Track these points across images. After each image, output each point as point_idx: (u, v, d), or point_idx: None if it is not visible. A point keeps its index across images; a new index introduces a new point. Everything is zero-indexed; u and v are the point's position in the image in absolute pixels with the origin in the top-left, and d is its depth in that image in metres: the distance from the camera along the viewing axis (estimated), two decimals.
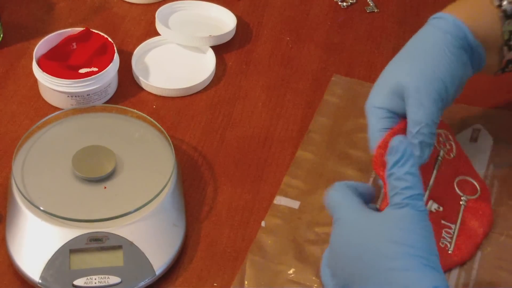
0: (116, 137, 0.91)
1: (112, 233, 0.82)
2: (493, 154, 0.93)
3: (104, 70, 0.97)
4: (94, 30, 1.02)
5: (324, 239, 0.86)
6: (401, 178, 0.72)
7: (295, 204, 0.89)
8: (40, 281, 0.80)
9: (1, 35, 1.06)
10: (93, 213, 0.83)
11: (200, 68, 1.04)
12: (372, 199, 0.78)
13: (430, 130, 0.81)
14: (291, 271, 0.83)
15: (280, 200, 0.90)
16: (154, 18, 1.07)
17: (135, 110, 0.94)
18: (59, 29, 1.03)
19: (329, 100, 1.00)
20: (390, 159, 0.73)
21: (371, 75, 1.05)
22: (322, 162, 0.93)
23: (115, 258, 0.82)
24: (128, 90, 1.02)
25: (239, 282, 0.83)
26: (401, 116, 0.83)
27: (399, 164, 0.72)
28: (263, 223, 0.88)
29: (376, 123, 0.83)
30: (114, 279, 0.81)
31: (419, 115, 0.81)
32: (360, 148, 0.94)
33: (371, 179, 0.92)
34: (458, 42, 0.84)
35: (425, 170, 0.86)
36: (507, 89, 1.02)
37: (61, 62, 0.99)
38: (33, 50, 0.99)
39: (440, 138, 0.90)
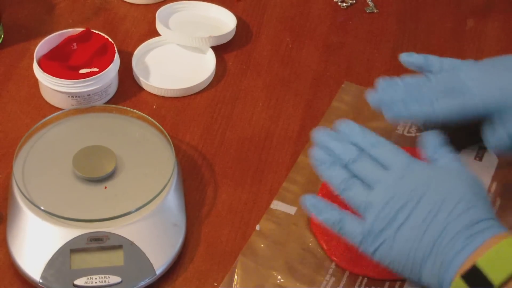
0: (117, 137, 0.91)
1: (113, 233, 0.82)
2: (497, 173, 0.93)
3: (104, 71, 0.97)
4: (94, 31, 1.02)
5: (315, 248, 0.86)
6: None
7: (291, 210, 0.89)
8: (41, 280, 0.81)
9: (2, 36, 1.07)
10: (93, 213, 0.83)
11: (200, 68, 1.05)
12: None
13: None
14: (280, 277, 0.83)
15: (277, 205, 0.90)
16: (154, 18, 1.08)
17: (135, 110, 0.94)
18: (60, 29, 1.03)
19: (337, 107, 1.00)
20: None
21: (370, 75, 1.05)
22: None
23: (116, 258, 0.82)
24: (128, 90, 1.02)
25: (228, 283, 0.83)
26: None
27: None
28: (257, 227, 0.88)
29: None
30: (114, 279, 0.81)
31: None
32: None
33: None
34: None
35: None
36: None
37: (61, 63, 0.99)
38: (33, 51, 0.99)
39: None
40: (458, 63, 0.91)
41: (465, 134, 0.92)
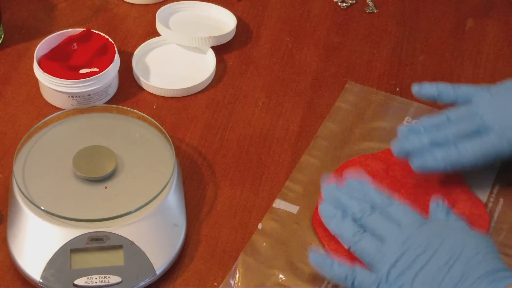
0: (117, 137, 0.91)
1: (113, 233, 0.82)
2: (499, 174, 0.93)
3: (104, 71, 0.97)
4: (94, 31, 1.02)
5: (317, 247, 0.86)
6: None
7: (294, 209, 0.89)
8: (41, 280, 0.81)
9: (2, 36, 1.07)
10: (93, 213, 0.83)
11: (200, 68, 1.05)
12: None
13: None
14: (281, 276, 0.83)
15: (279, 204, 0.90)
16: (154, 18, 1.08)
17: (135, 110, 0.94)
18: (60, 29, 1.03)
19: (341, 107, 1.00)
20: None
21: (370, 75, 1.05)
22: (326, 169, 0.93)
23: (116, 258, 0.82)
24: (128, 90, 1.02)
25: (228, 281, 0.83)
26: None
27: None
28: (259, 226, 0.88)
29: None
30: (114, 279, 0.81)
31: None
32: None
33: None
34: None
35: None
36: None
37: (62, 63, 0.99)
38: (34, 51, 0.99)
39: None
40: (472, 92, 0.91)
41: None
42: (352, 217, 0.83)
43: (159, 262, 0.83)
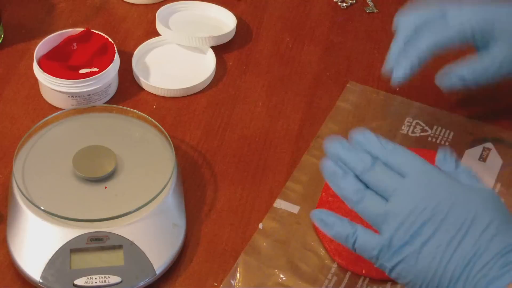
0: (117, 137, 0.91)
1: (113, 233, 0.82)
2: (501, 173, 0.92)
3: (104, 71, 0.97)
4: (94, 31, 1.02)
5: (318, 247, 0.86)
6: None
7: (294, 209, 0.89)
8: (41, 280, 0.81)
9: (2, 36, 1.07)
10: (93, 213, 0.83)
11: (200, 68, 1.05)
12: None
13: None
14: (282, 275, 0.83)
15: (280, 204, 0.90)
16: (154, 18, 1.08)
17: (135, 110, 0.94)
18: (60, 29, 1.03)
19: (342, 107, 1.00)
20: None
21: (370, 75, 1.05)
22: None
23: (116, 258, 0.82)
24: (128, 90, 1.02)
25: (229, 281, 0.83)
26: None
27: None
28: (260, 225, 0.88)
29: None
30: (114, 279, 0.81)
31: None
32: None
33: None
34: None
35: None
36: None
37: (61, 63, 0.99)
38: (33, 51, 0.99)
39: None
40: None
41: None
42: (353, 172, 0.76)
43: (159, 262, 0.83)
